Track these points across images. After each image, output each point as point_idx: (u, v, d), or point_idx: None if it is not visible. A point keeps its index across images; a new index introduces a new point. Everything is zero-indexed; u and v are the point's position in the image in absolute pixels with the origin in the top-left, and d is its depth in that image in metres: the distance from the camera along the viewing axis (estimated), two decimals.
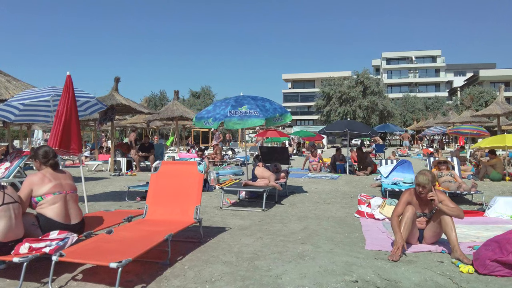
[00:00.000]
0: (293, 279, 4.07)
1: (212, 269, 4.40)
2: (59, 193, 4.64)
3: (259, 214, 7.51)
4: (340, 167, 16.02)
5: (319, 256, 4.84)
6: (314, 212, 7.75)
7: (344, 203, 8.74)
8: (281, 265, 4.51)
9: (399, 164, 10.72)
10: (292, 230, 6.24)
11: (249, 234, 5.96)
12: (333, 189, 11.14)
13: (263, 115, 8.69)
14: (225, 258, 4.78)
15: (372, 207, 7.27)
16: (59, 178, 4.76)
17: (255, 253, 4.96)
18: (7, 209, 4.09)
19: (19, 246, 4.06)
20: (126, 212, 6.06)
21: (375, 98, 52.05)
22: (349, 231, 6.19)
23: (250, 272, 4.29)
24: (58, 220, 4.54)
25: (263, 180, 8.86)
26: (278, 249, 5.17)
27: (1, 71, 11.38)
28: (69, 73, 6.27)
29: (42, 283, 3.99)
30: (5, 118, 8.22)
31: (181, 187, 5.56)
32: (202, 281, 4.06)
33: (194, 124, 9.51)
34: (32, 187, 4.57)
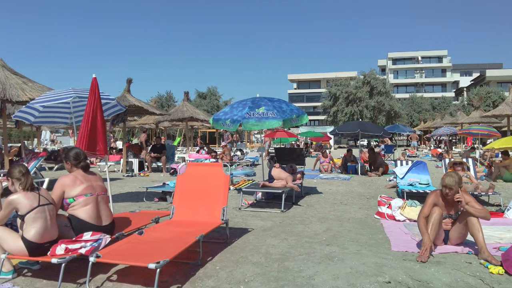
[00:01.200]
0: (326, 280, 4.12)
1: (243, 270, 4.44)
2: (91, 195, 4.70)
3: (278, 215, 7.55)
4: (351, 168, 16.01)
5: (348, 258, 4.88)
6: (333, 213, 7.78)
7: (362, 204, 8.76)
8: (312, 266, 4.55)
9: (414, 165, 10.72)
10: (315, 231, 6.28)
11: (273, 235, 6.00)
12: (348, 190, 11.16)
13: (280, 116, 8.72)
14: (254, 259, 4.82)
15: (393, 209, 7.30)
16: (90, 180, 4.82)
17: (283, 254, 5.01)
18: (42, 210, 4.15)
19: (55, 247, 4.12)
20: (151, 213, 6.13)
21: (382, 99, 51.98)
22: (372, 233, 6.22)
23: (282, 273, 4.33)
24: (90, 221, 4.60)
25: (280, 181, 8.89)
26: (305, 250, 5.21)
27: (16, 73, 11.48)
28: (94, 75, 6.33)
29: (78, 283, 4.04)
30: (26, 120, 8.30)
31: (207, 189, 5.62)
32: (235, 281, 4.11)
33: (212, 125, 9.56)
34: (64, 189, 4.63)
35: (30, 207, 4.08)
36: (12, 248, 4.04)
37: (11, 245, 4.04)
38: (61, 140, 51.44)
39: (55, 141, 46.12)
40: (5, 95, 10.30)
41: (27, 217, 4.06)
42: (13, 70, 11.42)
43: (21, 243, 4.01)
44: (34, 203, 4.11)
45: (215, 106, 57.05)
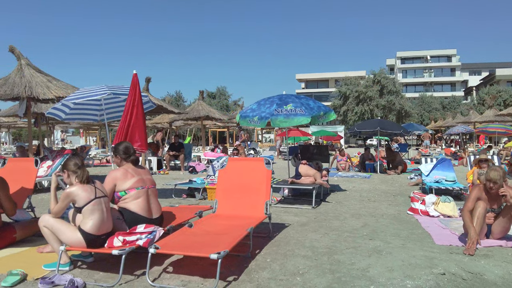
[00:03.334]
0: (381, 272, 4.14)
1: (294, 262, 4.48)
2: (142, 188, 4.75)
3: (310, 211, 7.57)
4: (369, 166, 15.99)
5: (395, 251, 4.90)
6: (365, 209, 7.80)
7: (390, 201, 8.77)
8: (362, 260, 4.58)
9: (439, 162, 10.72)
10: (353, 226, 6.30)
11: (312, 230, 6.03)
12: (371, 188, 11.16)
13: (308, 113, 8.76)
14: (302, 253, 4.85)
15: (427, 204, 7.30)
16: (140, 174, 4.87)
17: (329, 248, 5.04)
18: (99, 202, 4.20)
19: (112, 239, 4.17)
20: (192, 208, 6.18)
21: (392, 98, 51.82)
22: (409, 228, 6.24)
23: (335, 266, 4.36)
24: (142, 214, 4.65)
25: (308, 178, 8.92)
26: (350, 244, 5.23)
27: (41, 71, 11.57)
28: (135, 71, 6.39)
29: (136, 275, 4.09)
30: (56, 117, 8.39)
31: (250, 183, 5.66)
32: (290, 273, 4.14)
33: (238, 122, 9.60)
34: (116, 182, 4.68)
35: (88, 199, 4.13)
36: (70, 240, 4.09)
37: (69, 237, 4.09)
38: (71, 139, 51.74)
39: (65, 141, 46.44)
40: (32, 93, 10.39)
41: (85, 209, 4.11)
42: (37, 68, 11.51)
43: (79, 235, 4.06)
44: (91, 195, 4.17)
45: (225, 105, 57.17)
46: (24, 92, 10.30)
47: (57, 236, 4.18)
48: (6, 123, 27.48)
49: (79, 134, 50.77)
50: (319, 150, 11.35)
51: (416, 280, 3.92)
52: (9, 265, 4.32)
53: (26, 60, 11.40)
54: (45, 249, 4.80)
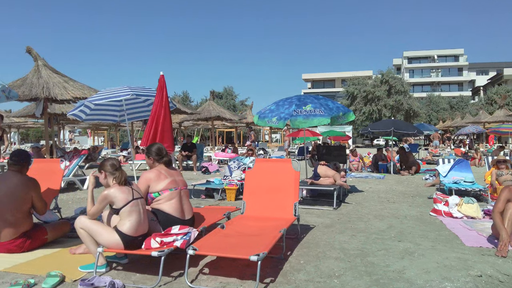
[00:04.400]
0: (418, 274, 4.15)
1: (328, 264, 4.49)
2: (175, 189, 4.77)
3: (332, 213, 7.58)
4: (382, 167, 15.97)
5: (427, 253, 4.90)
6: (386, 211, 7.79)
7: (410, 203, 8.76)
8: (396, 261, 4.58)
9: (456, 163, 10.70)
10: (379, 228, 6.30)
11: (338, 231, 6.04)
12: (388, 188, 11.15)
13: (328, 113, 8.76)
14: (333, 254, 4.86)
15: (450, 206, 7.29)
16: (173, 175, 4.90)
17: (360, 250, 5.04)
18: (136, 204, 4.23)
19: (148, 240, 4.19)
20: (218, 209, 6.20)
21: (401, 98, 51.72)
22: (436, 229, 6.23)
23: (370, 268, 4.37)
24: (175, 215, 4.68)
25: (328, 179, 8.92)
26: (380, 246, 5.24)
27: (57, 72, 11.64)
28: (162, 73, 6.42)
29: (173, 277, 4.10)
30: (78, 117, 8.42)
31: (277, 184, 5.67)
32: (326, 275, 4.15)
33: (256, 122, 9.62)
34: (149, 183, 4.71)
35: (125, 201, 4.15)
36: (108, 242, 4.11)
37: (107, 239, 4.11)
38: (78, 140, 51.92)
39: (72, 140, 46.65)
40: (50, 93, 10.46)
41: (123, 210, 4.14)
42: (54, 69, 11.57)
43: (117, 237, 4.08)
44: (129, 196, 4.19)
45: (232, 105, 57.21)
46: (42, 93, 10.37)
47: (93, 238, 4.20)
48: (16, 123, 27.64)
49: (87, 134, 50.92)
50: (336, 151, 11.33)
51: (455, 282, 3.92)
52: (44, 267, 4.35)
53: (43, 60, 11.47)
54: (78, 250, 4.83)
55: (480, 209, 7.20)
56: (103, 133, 43.40)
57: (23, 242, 4.85)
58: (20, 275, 4.13)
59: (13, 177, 4.94)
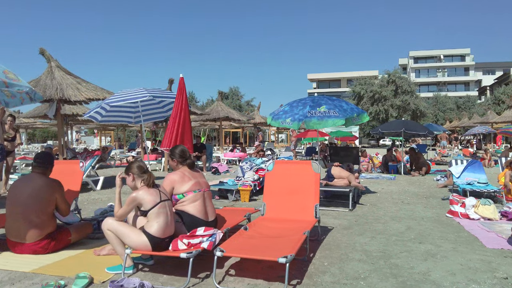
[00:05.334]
0: (444, 276, 4.17)
1: (352, 266, 4.51)
2: (199, 191, 4.82)
3: (349, 214, 7.60)
4: (392, 168, 15.96)
5: (449, 255, 4.92)
6: (402, 212, 7.80)
7: (424, 204, 8.77)
8: (420, 263, 4.60)
9: (469, 164, 10.69)
10: (397, 229, 6.32)
11: (357, 233, 6.06)
12: (400, 189, 11.15)
13: (342, 115, 8.79)
14: (356, 256, 4.89)
15: (467, 207, 7.30)
16: (196, 177, 4.94)
17: (382, 252, 5.07)
18: (164, 206, 4.27)
19: (175, 242, 4.24)
20: (237, 210, 6.25)
21: (407, 98, 51.64)
22: (454, 231, 6.25)
23: (394, 270, 4.39)
24: (200, 216, 4.72)
25: (342, 180, 8.93)
26: (401, 248, 5.26)
27: (70, 73, 11.71)
28: (182, 75, 6.46)
29: (199, 278, 4.14)
30: (93, 119, 8.49)
31: (298, 186, 5.70)
32: (352, 277, 4.17)
33: (269, 123, 9.65)
34: (174, 185, 4.75)
35: (153, 203, 4.19)
36: (136, 244, 4.15)
37: (134, 241, 4.15)
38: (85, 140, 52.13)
39: (79, 141, 46.87)
40: (63, 95, 10.53)
41: (151, 212, 4.18)
42: (67, 70, 11.64)
43: (145, 238, 4.12)
44: (157, 198, 4.23)
45: (237, 106, 57.25)
46: (56, 94, 10.44)
47: (121, 240, 4.25)
48: (25, 124, 27.79)
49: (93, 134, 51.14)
50: (349, 152, 11.36)
51: (482, 285, 3.94)
52: (71, 268, 4.40)
53: (56, 62, 11.54)
54: (102, 251, 4.87)
55: (497, 210, 7.20)
56: (109, 133, 43.53)
57: (48, 243, 4.90)
58: (48, 276, 4.18)
59: (37, 179, 4.99)
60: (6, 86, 4.48)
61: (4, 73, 4.40)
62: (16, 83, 4.57)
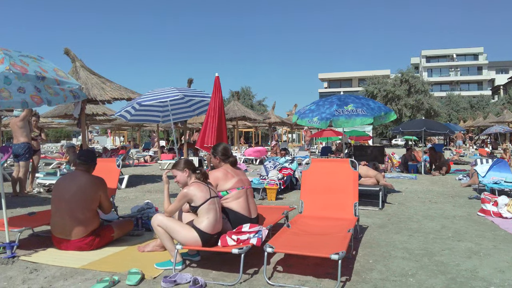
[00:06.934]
0: (492, 273, 4.18)
1: (397, 264, 4.54)
2: (242, 188, 4.87)
3: (379, 213, 7.61)
4: (412, 167, 15.91)
5: (492, 252, 4.93)
6: (433, 211, 7.79)
7: (453, 203, 8.74)
8: (465, 261, 4.62)
9: (495, 163, 10.64)
10: (433, 228, 6.33)
11: (394, 232, 6.08)
12: (425, 189, 11.13)
13: (370, 113, 8.82)
14: (399, 254, 4.91)
15: (499, 206, 7.28)
16: (239, 174, 5.00)
17: (424, 250, 5.08)
18: (213, 202, 4.32)
19: (224, 238, 4.29)
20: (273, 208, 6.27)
21: (421, 97, 51.42)
22: (490, 229, 6.24)
23: (441, 267, 4.41)
24: (243, 213, 4.77)
25: (369, 179, 8.94)
26: (442, 246, 5.27)
27: (94, 73, 11.83)
28: (217, 74, 6.51)
29: (248, 274, 4.19)
30: (123, 118, 8.55)
31: (336, 184, 5.72)
32: (399, 274, 4.20)
33: (296, 122, 9.69)
34: (218, 182, 4.81)
35: (204, 199, 4.25)
36: (186, 239, 4.20)
37: (185, 236, 4.21)
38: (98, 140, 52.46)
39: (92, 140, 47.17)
40: (89, 93, 10.64)
41: (201, 208, 4.23)
42: (91, 70, 11.76)
43: (195, 234, 4.18)
44: (207, 195, 4.29)
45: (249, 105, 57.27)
46: None
47: (171, 235, 4.31)
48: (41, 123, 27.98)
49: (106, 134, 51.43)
50: (374, 151, 11.36)
51: None
52: (119, 264, 4.47)
53: (81, 62, 11.66)
54: (146, 248, 4.94)
55: None
56: (123, 133, 43.79)
57: (93, 240, 4.98)
58: (99, 272, 4.24)
59: (81, 177, 5.07)
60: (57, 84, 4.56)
61: (55, 71, 4.47)
62: (66, 81, 4.65)
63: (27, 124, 9.77)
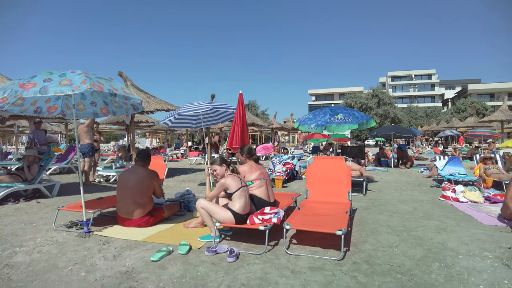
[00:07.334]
0: (459, 245, 4.18)
1: (384, 237, 4.53)
2: (263, 179, 4.87)
3: (363, 198, 7.57)
4: (384, 162, 15.87)
5: (456, 229, 4.92)
6: (405, 196, 7.76)
7: (418, 190, 8.70)
8: (436, 235, 4.61)
9: (450, 159, 10.61)
10: (407, 210, 6.30)
11: (377, 212, 6.06)
12: (396, 179, 11.07)
13: (355, 121, 8.79)
14: (383, 230, 4.90)
15: (457, 192, 7.26)
16: (260, 168, 5.01)
17: (404, 226, 5.07)
18: (244, 190, 4.33)
19: (251, 217, 4.30)
20: (284, 194, 6.23)
21: (388, 108, 51.26)
22: (451, 211, 6.22)
23: (418, 240, 4.40)
24: (265, 199, 4.78)
25: (355, 172, 8.92)
26: (415, 223, 5.26)
27: (141, 90, 11.85)
28: (241, 91, 6.53)
29: (270, 245, 4.18)
30: (166, 124, 8.57)
31: (333, 176, 5.72)
32: (387, 246, 4.20)
33: (297, 127, 9.68)
34: (245, 174, 4.82)
35: (237, 187, 4.26)
36: (223, 218, 4.22)
37: (222, 216, 4.23)
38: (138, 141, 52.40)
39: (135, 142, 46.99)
40: None
41: (235, 194, 4.25)
42: (139, 88, 11.78)
43: (230, 214, 4.19)
44: (239, 184, 4.30)
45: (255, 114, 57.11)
46: None
47: (211, 215, 4.32)
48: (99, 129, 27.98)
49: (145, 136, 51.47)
50: (357, 149, 11.33)
51: (492, 252, 3.94)
52: (170, 237, 4.48)
53: (131, 81, 11.68)
54: (190, 225, 4.95)
55: (481, 195, 7.15)
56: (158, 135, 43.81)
57: (149, 219, 5.00)
58: (156, 244, 4.26)
59: (140, 170, 5.10)
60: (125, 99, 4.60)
61: (123, 89, 4.50)
62: (132, 97, 4.67)
63: (90, 129, 9.81)
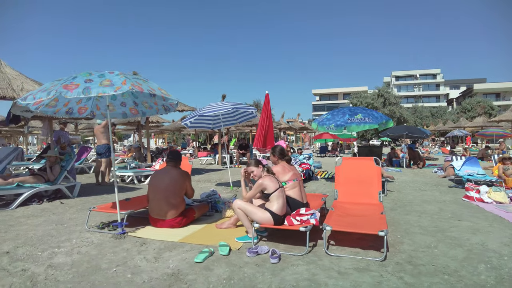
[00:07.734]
0: (499, 246, 4.16)
1: (420, 238, 4.52)
2: (296, 180, 4.87)
3: (386, 198, 7.53)
4: (396, 162, 15.84)
5: (491, 230, 4.90)
6: (426, 197, 7.72)
7: (438, 190, 8.68)
8: (472, 236, 4.59)
9: (467, 160, 10.56)
10: (433, 211, 6.27)
11: (404, 213, 6.04)
12: (411, 179, 11.04)
13: (375, 121, 8.79)
14: (416, 230, 4.89)
15: (481, 193, 7.24)
16: (293, 169, 5.00)
17: (436, 227, 5.06)
18: (281, 191, 4.34)
19: (289, 218, 4.30)
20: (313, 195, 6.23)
21: (393, 108, 51.19)
22: (478, 212, 6.19)
23: (455, 241, 4.39)
24: (299, 199, 4.77)
25: None
26: (447, 224, 5.24)
27: None
28: (267, 92, 6.53)
29: (310, 247, 4.17)
30: (186, 125, 8.58)
31: (363, 177, 5.72)
32: (425, 246, 4.19)
33: (315, 128, 9.67)
34: (278, 175, 4.81)
35: (274, 188, 4.27)
36: (262, 219, 4.22)
37: (260, 217, 4.23)
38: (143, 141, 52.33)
39: None
40: None
41: (273, 195, 4.25)
42: None
43: (269, 215, 4.20)
44: (276, 185, 4.31)
45: None
46: None
47: (248, 216, 4.33)
48: None
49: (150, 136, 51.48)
50: (374, 149, 11.32)
51: None
52: (206, 238, 4.48)
53: None
54: (223, 225, 4.96)
55: (506, 195, 7.13)
56: (163, 135, 43.84)
57: (181, 219, 5.01)
58: (194, 245, 4.26)
59: (172, 171, 5.11)
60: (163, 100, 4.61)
61: (160, 90, 4.51)
62: (168, 97, 4.68)
63: (107, 130, 9.83)
